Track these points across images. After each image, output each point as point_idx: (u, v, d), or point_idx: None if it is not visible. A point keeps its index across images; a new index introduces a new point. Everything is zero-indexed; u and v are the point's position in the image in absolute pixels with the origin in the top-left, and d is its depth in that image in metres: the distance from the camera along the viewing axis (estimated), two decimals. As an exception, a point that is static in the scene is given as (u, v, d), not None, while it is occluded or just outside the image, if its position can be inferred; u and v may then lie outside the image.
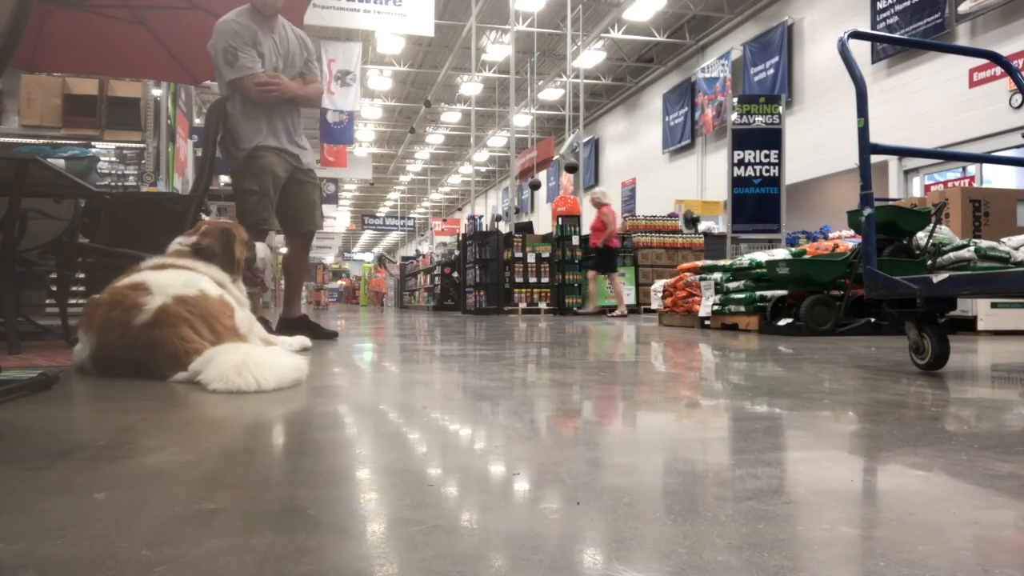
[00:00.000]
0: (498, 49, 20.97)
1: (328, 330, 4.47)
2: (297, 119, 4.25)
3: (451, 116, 27.76)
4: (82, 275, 4.58)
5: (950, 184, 12.11)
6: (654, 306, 7.87)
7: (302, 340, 3.53)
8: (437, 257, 20.23)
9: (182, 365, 2.16)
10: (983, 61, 10.46)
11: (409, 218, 41.10)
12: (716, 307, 6.14)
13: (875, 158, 2.67)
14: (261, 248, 3.08)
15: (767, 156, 10.31)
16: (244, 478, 1.13)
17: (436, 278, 19.35)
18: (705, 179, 19.56)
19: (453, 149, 33.67)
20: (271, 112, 4.10)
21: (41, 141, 6.92)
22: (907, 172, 13.16)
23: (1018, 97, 10.73)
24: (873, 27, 13.35)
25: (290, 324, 4.35)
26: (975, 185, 11.49)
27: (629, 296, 11.83)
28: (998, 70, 10.17)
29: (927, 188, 12.59)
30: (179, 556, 0.76)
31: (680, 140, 20.60)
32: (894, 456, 1.27)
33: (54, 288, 4.26)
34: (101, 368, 2.22)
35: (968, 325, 5.00)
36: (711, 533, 0.83)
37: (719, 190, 16.05)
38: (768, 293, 5.65)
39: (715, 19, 18.89)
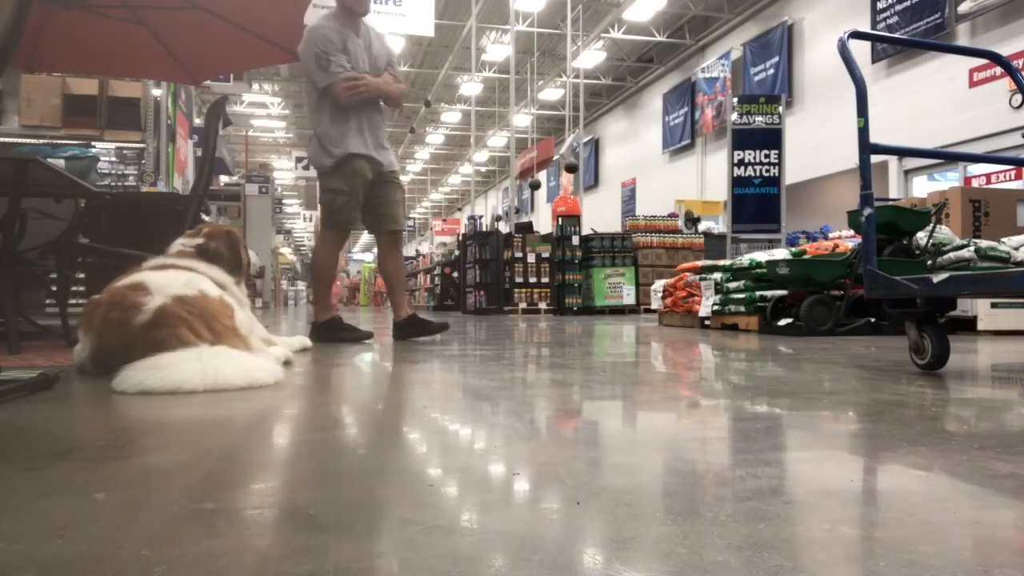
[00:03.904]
0: (498, 49, 20.96)
1: (438, 323, 4.49)
2: (381, 122, 4.30)
3: (451, 116, 27.75)
4: (82, 275, 4.58)
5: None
6: (654, 306, 7.87)
7: (301, 340, 3.54)
8: (437, 257, 20.24)
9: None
10: (983, 61, 10.46)
11: (409, 218, 41.10)
12: (716, 307, 6.14)
13: (875, 158, 2.67)
14: (251, 253, 3.15)
15: (767, 156, 10.31)
16: (244, 478, 1.13)
17: (436, 278, 19.36)
18: (705, 179, 19.56)
19: (453, 149, 33.66)
20: (359, 117, 4.15)
21: (41, 141, 6.92)
22: (907, 172, 13.16)
23: (1018, 97, 10.73)
24: (873, 27, 13.35)
25: (401, 327, 4.39)
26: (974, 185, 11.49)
27: (629, 296, 11.83)
28: (998, 70, 10.17)
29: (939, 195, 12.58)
30: (179, 556, 0.76)
31: (680, 140, 20.60)
32: (894, 456, 1.27)
33: (54, 288, 4.26)
34: (101, 368, 2.21)
35: (968, 325, 4.99)
36: (711, 533, 0.83)
37: (719, 190, 16.05)
38: (768, 293, 5.65)
39: (715, 19, 18.89)
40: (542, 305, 12.02)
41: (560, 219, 12.42)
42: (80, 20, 4.63)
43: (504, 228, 15.48)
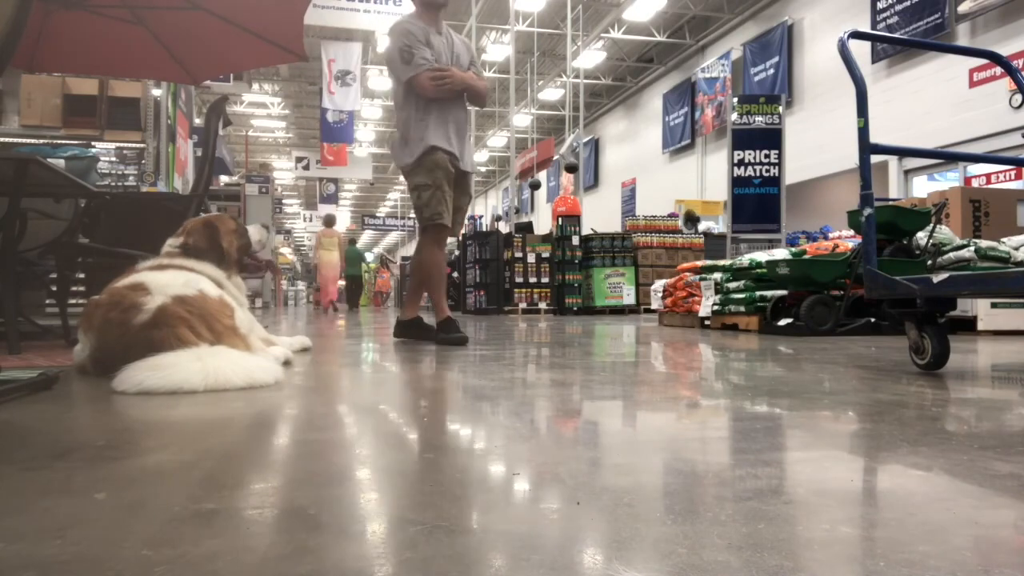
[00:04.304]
0: (498, 49, 20.96)
1: (456, 337, 4.07)
2: (464, 120, 4.24)
3: (451, 116, 27.72)
4: (82, 275, 4.58)
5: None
6: (654, 306, 7.87)
7: (302, 340, 3.54)
8: (437, 257, 20.19)
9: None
10: (983, 61, 10.46)
11: (409, 218, 41.11)
12: (716, 307, 6.14)
13: (875, 158, 2.67)
14: (255, 230, 3.05)
15: (767, 156, 10.31)
16: (244, 478, 1.13)
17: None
18: (705, 179, 19.56)
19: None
20: (442, 112, 4.10)
21: (41, 141, 6.92)
22: (907, 172, 13.16)
23: (1018, 97, 10.73)
24: (873, 27, 13.35)
25: (404, 326, 4.31)
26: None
27: (629, 296, 11.83)
28: (998, 70, 10.17)
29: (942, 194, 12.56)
30: (179, 556, 0.76)
31: (680, 140, 20.60)
32: (894, 456, 1.27)
33: (54, 288, 4.26)
34: (101, 368, 2.22)
35: (968, 325, 4.99)
36: (711, 533, 0.83)
37: (719, 190, 16.05)
38: (768, 293, 5.65)
39: (715, 19, 18.89)
40: (542, 305, 12.02)
41: (560, 219, 12.42)
42: (80, 20, 4.63)
43: (504, 228, 15.48)
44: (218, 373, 2.04)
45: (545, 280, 12.16)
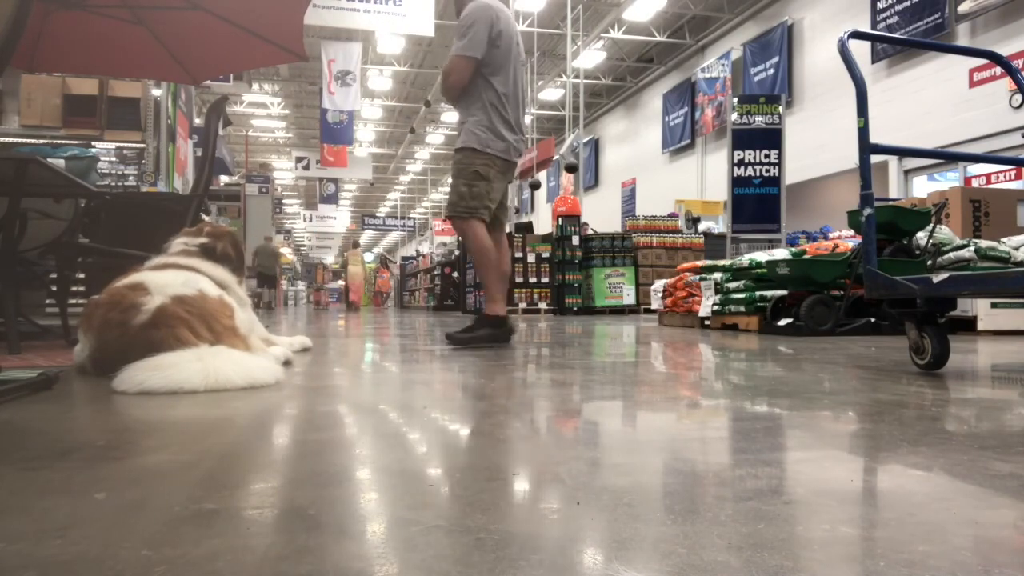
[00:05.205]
0: (498, 49, 20.91)
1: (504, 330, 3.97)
2: (459, 108, 4.48)
3: (451, 116, 27.75)
4: (82, 275, 4.58)
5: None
6: (654, 306, 7.87)
7: (302, 340, 3.54)
8: (437, 257, 20.26)
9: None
10: (983, 61, 10.46)
11: (409, 218, 41.14)
12: (716, 307, 6.14)
13: (875, 158, 2.67)
14: None
15: (767, 156, 10.31)
16: (244, 478, 1.13)
17: (436, 278, 19.36)
18: (705, 179, 19.56)
19: (453, 149, 33.70)
20: None
21: (41, 141, 6.91)
22: (907, 172, 13.16)
23: (1018, 97, 10.73)
24: (873, 27, 13.35)
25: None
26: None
27: (629, 296, 11.83)
28: (998, 70, 10.17)
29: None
30: (179, 556, 0.76)
31: (680, 140, 20.60)
32: (894, 456, 1.27)
33: (54, 288, 4.26)
34: (101, 368, 2.22)
35: (968, 325, 4.99)
36: (711, 533, 0.83)
37: (719, 190, 16.05)
38: (768, 293, 5.65)
39: (715, 19, 18.89)
40: (542, 305, 12.02)
41: (560, 219, 12.42)
42: (80, 20, 4.63)
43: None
44: (219, 373, 2.04)
45: (545, 280, 12.16)
